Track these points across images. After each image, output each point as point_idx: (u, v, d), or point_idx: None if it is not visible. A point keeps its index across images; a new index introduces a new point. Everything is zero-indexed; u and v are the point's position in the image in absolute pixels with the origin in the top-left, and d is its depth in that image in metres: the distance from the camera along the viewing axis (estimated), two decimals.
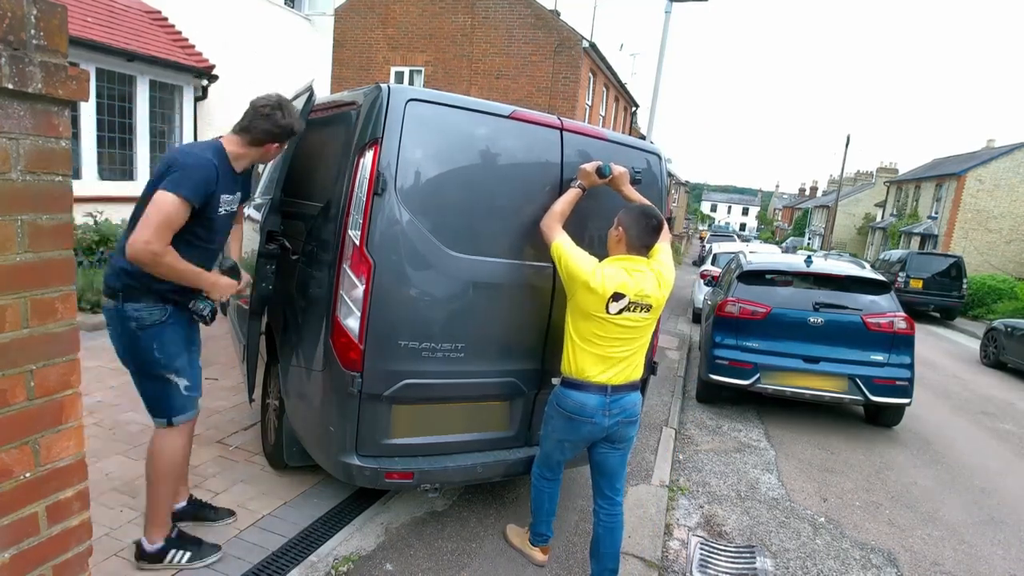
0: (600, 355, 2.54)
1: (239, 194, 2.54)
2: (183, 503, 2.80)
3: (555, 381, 2.75)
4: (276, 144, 2.50)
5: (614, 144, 3.18)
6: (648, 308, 2.54)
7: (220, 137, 2.47)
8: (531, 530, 3.01)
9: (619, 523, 2.75)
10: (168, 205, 2.16)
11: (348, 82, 16.39)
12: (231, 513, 2.94)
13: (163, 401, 2.43)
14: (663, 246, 2.70)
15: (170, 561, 2.51)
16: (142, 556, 2.51)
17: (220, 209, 2.40)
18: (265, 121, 2.40)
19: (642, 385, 3.44)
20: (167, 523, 2.54)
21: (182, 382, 2.44)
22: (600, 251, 2.71)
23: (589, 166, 2.78)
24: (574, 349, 2.57)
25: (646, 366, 3.17)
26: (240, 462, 3.50)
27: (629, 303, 2.49)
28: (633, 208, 2.65)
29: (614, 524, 2.74)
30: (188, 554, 2.54)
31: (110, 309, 2.35)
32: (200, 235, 2.38)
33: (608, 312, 2.48)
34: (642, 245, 2.58)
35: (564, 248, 2.58)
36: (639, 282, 2.51)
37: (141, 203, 2.24)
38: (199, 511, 2.86)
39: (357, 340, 2.57)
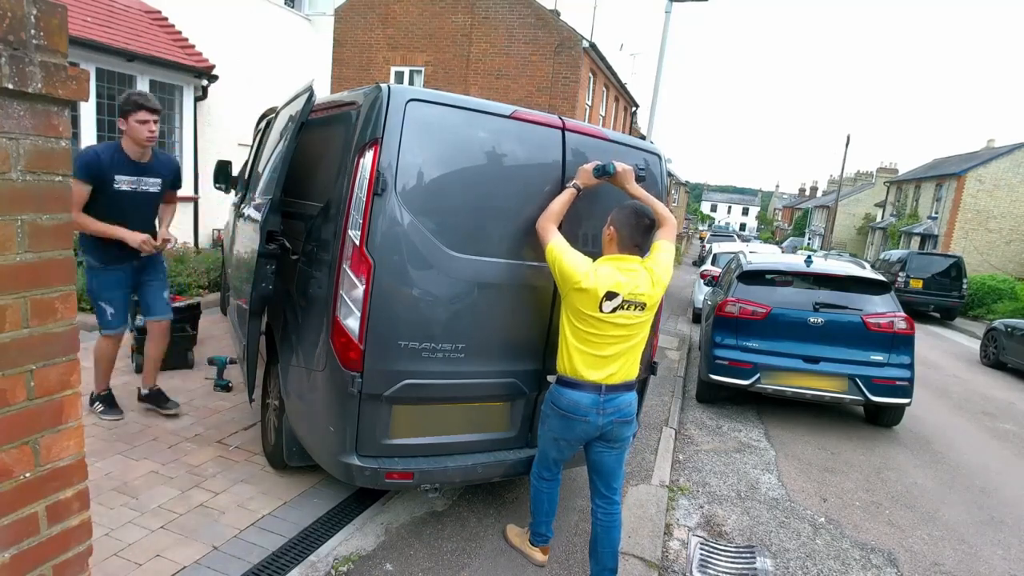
0: (595, 354, 2.54)
1: (146, 177, 3.56)
2: (148, 389, 3.99)
3: (551, 379, 2.76)
4: (130, 114, 3.34)
5: (615, 144, 3.18)
6: (642, 307, 2.55)
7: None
8: (531, 530, 3.01)
9: (617, 522, 2.75)
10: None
11: (348, 82, 16.39)
12: (176, 404, 4.00)
13: (99, 318, 3.69)
14: (664, 244, 2.68)
15: (91, 405, 3.81)
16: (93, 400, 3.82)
17: (116, 185, 3.41)
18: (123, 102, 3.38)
19: (642, 385, 3.44)
20: (105, 385, 3.83)
21: (108, 309, 3.64)
22: (596, 250, 2.71)
23: (587, 166, 2.79)
24: (568, 348, 2.58)
25: (644, 366, 3.16)
26: (240, 462, 3.50)
27: (623, 301, 2.49)
28: (625, 207, 2.64)
29: (612, 523, 2.74)
30: (102, 407, 3.81)
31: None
32: (106, 208, 3.42)
33: (602, 311, 2.49)
34: (634, 244, 2.58)
35: (558, 249, 2.58)
36: (632, 280, 2.51)
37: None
38: (154, 396, 3.98)
39: (357, 340, 2.56)
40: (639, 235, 2.58)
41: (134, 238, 3.49)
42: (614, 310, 2.49)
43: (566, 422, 2.61)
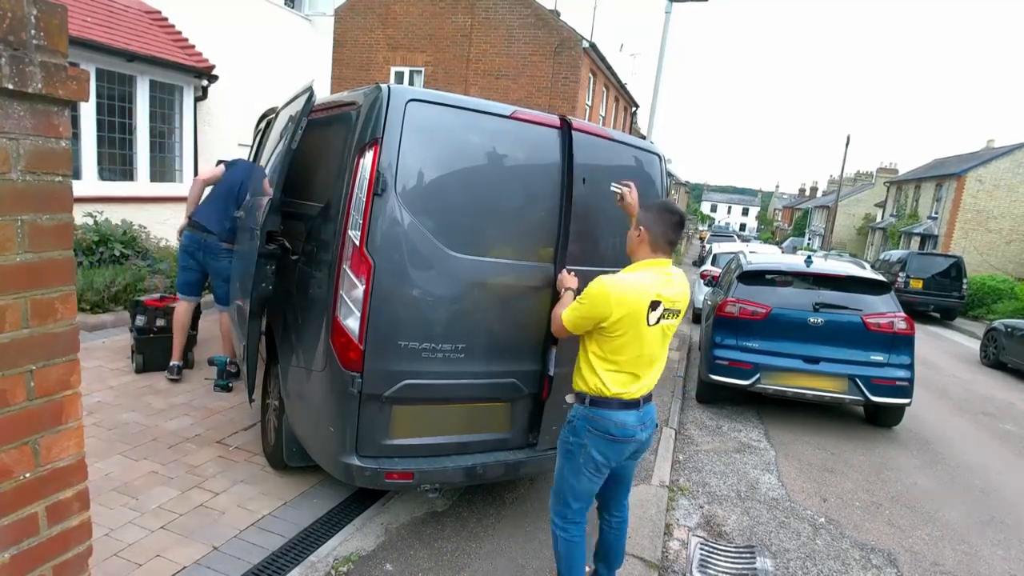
0: (633, 369, 2.34)
1: None
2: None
3: (570, 400, 2.48)
4: None
5: (616, 143, 3.18)
6: (677, 314, 2.39)
7: None
8: None
9: (626, 525, 2.72)
10: None
11: (348, 82, 16.39)
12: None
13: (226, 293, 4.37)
14: None
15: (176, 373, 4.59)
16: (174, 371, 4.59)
17: None
18: None
19: None
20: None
21: None
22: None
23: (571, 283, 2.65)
24: (604, 369, 2.33)
25: None
26: (240, 462, 3.50)
27: (664, 311, 2.30)
28: (654, 206, 2.45)
29: (623, 528, 2.70)
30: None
31: (224, 247, 4.38)
32: None
33: (648, 324, 2.27)
34: (667, 242, 2.36)
35: (570, 312, 2.37)
36: (671, 288, 2.33)
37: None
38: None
39: (357, 340, 2.56)
40: (672, 231, 2.36)
41: None
42: (658, 320, 2.30)
43: (616, 446, 2.35)
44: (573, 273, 2.72)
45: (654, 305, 2.27)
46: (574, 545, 2.46)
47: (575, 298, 2.45)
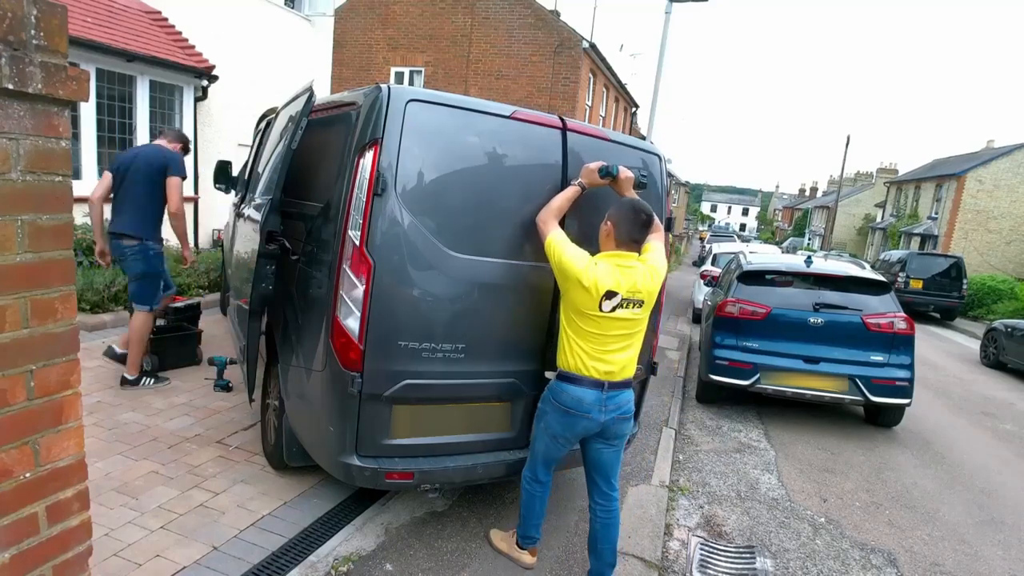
0: (597, 350, 2.54)
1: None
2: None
3: (549, 375, 2.75)
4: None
5: (616, 144, 3.18)
6: (640, 304, 2.56)
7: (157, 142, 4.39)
8: (518, 533, 2.97)
9: (616, 519, 2.77)
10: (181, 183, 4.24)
11: (348, 82, 16.39)
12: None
13: (151, 295, 4.29)
14: (655, 244, 2.69)
15: (143, 385, 4.35)
16: (126, 383, 4.30)
17: None
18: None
19: (641, 386, 3.43)
20: (140, 365, 4.37)
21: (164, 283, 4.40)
22: (595, 248, 2.71)
23: (593, 165, 2.79)
24: (570, 344, 2.57)
25: (644, 366, 3.15)
26: (240, 462, 3.50)
27: (622, 300, 2.50)
28: (624, 203, 2.64)
29: (611, 520, 2.75)
30: (153, 380, 4.40)
31: (133, 246, 4.14)
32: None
33: (601, 310, 2.49)
34: (631, 240, 2.57)
35: (557, 243, 2.56)
36: (630, 278, 2.51)
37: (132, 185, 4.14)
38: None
39: (357, 340, 2.56)
40: (637, 231, 2.57)
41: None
42: (614, 309, 2.50)
43: (569, 419, 2.59)
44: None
45: (609, 295, 2.48)
46: (534, 498, 2.86)
47: (583, 191, 2.77)
